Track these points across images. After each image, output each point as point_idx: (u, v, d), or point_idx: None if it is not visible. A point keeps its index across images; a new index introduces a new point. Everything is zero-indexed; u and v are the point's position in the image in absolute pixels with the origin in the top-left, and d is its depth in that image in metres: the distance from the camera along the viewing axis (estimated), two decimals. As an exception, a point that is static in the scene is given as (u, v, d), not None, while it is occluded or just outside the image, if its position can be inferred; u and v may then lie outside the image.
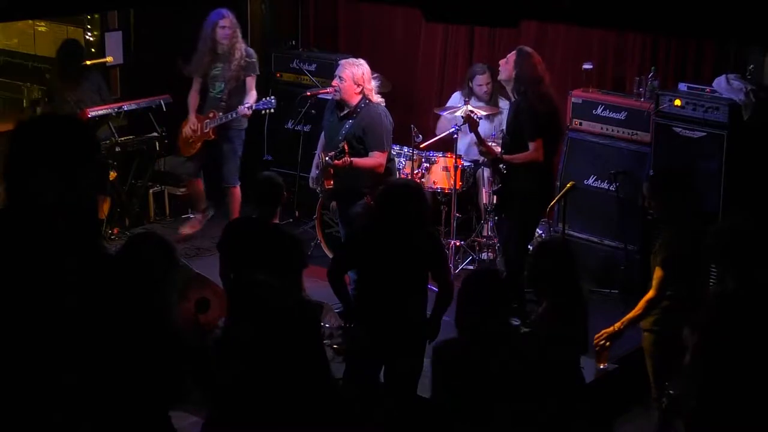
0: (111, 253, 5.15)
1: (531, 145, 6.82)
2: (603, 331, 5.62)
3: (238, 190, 8.36)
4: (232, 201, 8.38)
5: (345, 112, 7.20)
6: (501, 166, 7.02)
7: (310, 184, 7.69)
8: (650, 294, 5.63)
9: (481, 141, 7.09)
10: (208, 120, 8.22)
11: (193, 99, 8.35)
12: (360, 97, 7.12)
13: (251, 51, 8.24)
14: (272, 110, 8.14)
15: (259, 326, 4.07)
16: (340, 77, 7.14)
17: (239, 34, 8.16)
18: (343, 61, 7.28)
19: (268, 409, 3.97)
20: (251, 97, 8.13)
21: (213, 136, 8.22)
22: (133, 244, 4.60)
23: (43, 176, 3.15)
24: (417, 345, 5.59)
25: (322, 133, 7.65)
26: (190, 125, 8.30)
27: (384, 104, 7.29)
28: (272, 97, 8.16)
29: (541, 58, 6.98)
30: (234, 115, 8.07)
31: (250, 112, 8.06)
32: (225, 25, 8.08)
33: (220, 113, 8.13)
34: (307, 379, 3.96)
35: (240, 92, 8.16)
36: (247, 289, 4.46)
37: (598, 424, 5.03)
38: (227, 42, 8.09)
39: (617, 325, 5.66)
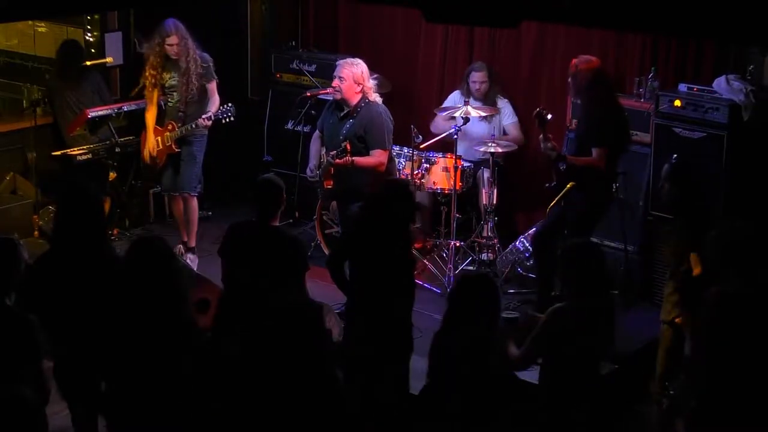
0: (117, 255, 5.20)
1: (594, 151, 6.82)
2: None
3: (195, 202, 8.11)
4: (190, 213, 8.09)
5: (345, 111, 7.21)
6: (561, 165, 6.94)
7: (308, 174, 7.65)
8: (696, 273, 5.58)
9: (546, 137, 6.98)
10: (168, 132, 7.92)
11: (150, 114, 8.05)
12: (360, 96, 7.16)
13: (206, 56, 7.88)
14: (232, 118, 7.82)
15: (259, 328, 4.08)
16: (340, 77, 7.16)
17: (190, 45, 7.76)
18: (341, 62, 7.31)
19: (268, 409, 3.97)
20: (213, 103, 7.85)
21: (177, 150, 7.94)
22: (135, 251, 4.65)
23: None
24: (403, 346, 5.61)
25: (316, 132, 7.64)
26: (150, 145, 7.99)
27: (382, 102, 7.30)
28: (230, 104, 7.84)
29: (595, 63, 6.94)
30: (193, 127, 7.79)
31: (210, 123, 7.78)
32: (172, 42, 7.73)
33: (179, 124, 7.86)
34: (306, 380, 3.96)
35: (199, 101, 7.87)
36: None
37: (599, 423, 5.03)
38: (178, 56, 7.76)
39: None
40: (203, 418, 4.38)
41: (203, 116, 7.76)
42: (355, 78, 7.13)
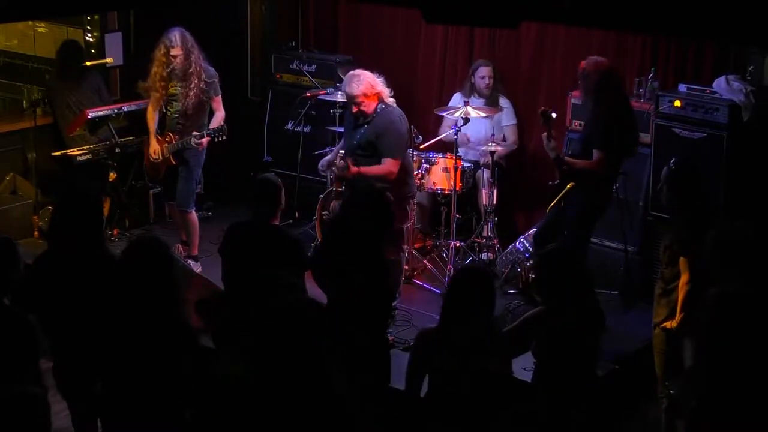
0: (114, 255, 5.20)
1: (595, 154, 6.79)
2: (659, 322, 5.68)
3: (194, 216, 8.06)
4: (189, 227, 8.06)
5: (363, 117, 7.11)
6: (564, 166, 6.90)
7: (320, 168, 7.62)
8: (684, 278, 5.57)
9: (551, 137, 6.99)
10: (166, 144, 7.87)
11: (151, 119, 7.99)
12: (377, 101, 6.98)
13: (211, 71, 7.79)
14: (224, 137, 7.72)
15: (260, 326, 4.08)
16: (357, 102, 6.94)
17: (194, 57, 7.68)
18: (346, 86, 7.03)
19: (267, 409, 3.97)
20: (216, 119, 7.79)
21: (174, 162, 7.89)
22: (132, 251, 4.64)
23: None
24: (378, 348, 5.58)
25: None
26: (152, 149, 7.94)
27: (394, 103, 7.18)
28: (223, 124, 7.74)
29: (603, 65, 6.87)
30: (187, 143, 7.74)
31: (201, 141, 7.71)
32: (176, 54, 7.64)
33: (177, 136, 7.82)
34: (306, 379, 3.95)
35: (200, 114, 7.82)
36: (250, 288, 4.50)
37: (598, 423, 5.03)
38: (180, 68, 7.69)
39: (675, 322, 5.62)
40: (200, 418, 4.37)
41: (196, 134, 7.69)
42: (366, 92, 6.92)
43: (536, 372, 5.00)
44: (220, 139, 7.74)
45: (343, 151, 7.27)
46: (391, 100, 7.08)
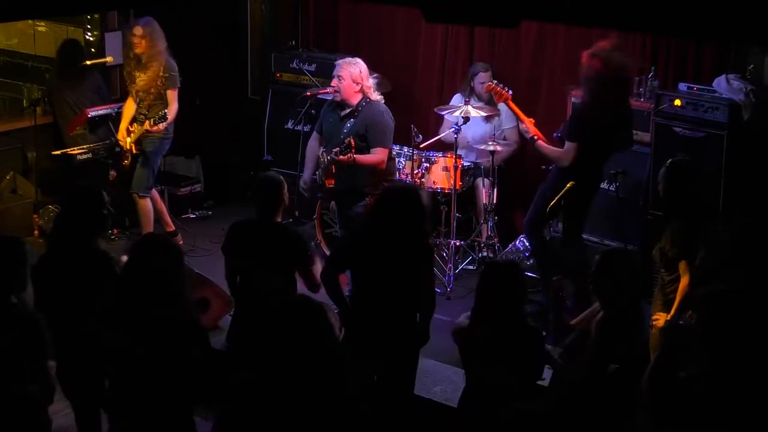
0: (109, 254, 5.22)
1: (565, 145, 6.85)
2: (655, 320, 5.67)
3: (146, 203, 8.15)
4: (139, 213, 8.20)
5: (347, 111, 7.20)
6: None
7: (301, 186, 7.62)
8: (684, 282, 5.57)
9: (521, 118, 7.22)
10: (131, 132, 8.09)
11: (126, 109, 8.21)
12: (360, 96, 7.15)
13: (172, 63, 7.99)
14: (163, 123, 7.92)
15: (262, 326, 4.08)
16: (338, 77, 7.16)
17: (158, 46, 7.93)
18: (339, 61, 7.30)
19: (273, 405, 3.97)
20: (171, 111, 7.97)
21: (135, 151, 8.09)
22: (140, 250, 4.64)
23: None
24: (408, 349, 5.58)
25: (313, 136, 7.59)
26: (120, 134, 8.15)
27: (383, 101, 7.30)
28: (164, 112, 7.91)
29: (609, 62, 6.79)
30: (145, 130, 7.96)
31: (157, 128, 7.90)
32: (137, 33, 7.89)
33: (138, 126, 8.05)
34: (312, 378, 3.95)
35: (161, 105, 7.99)
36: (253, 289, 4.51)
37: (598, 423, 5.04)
38: (140, 53, 7.93)
39: (669, 315, 5.62)
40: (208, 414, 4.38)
41: (152, 120, 7.88)
42: (353, 77, 7.12)
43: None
44: (157, 125, 7.89)
45: (323, 149, 7.32)
46: (377, 96, 7.20)
